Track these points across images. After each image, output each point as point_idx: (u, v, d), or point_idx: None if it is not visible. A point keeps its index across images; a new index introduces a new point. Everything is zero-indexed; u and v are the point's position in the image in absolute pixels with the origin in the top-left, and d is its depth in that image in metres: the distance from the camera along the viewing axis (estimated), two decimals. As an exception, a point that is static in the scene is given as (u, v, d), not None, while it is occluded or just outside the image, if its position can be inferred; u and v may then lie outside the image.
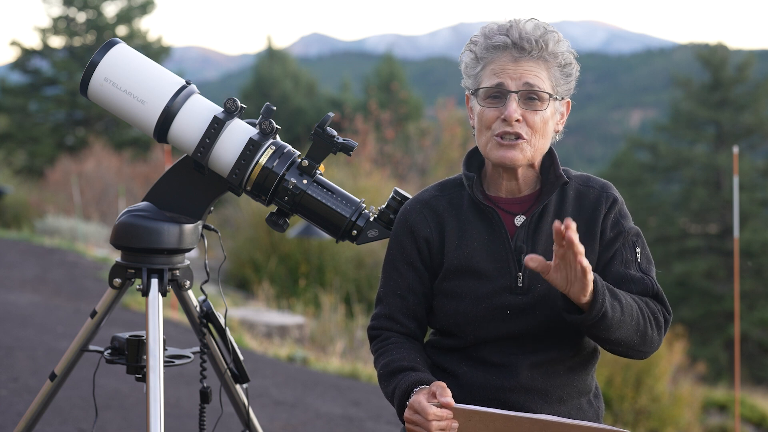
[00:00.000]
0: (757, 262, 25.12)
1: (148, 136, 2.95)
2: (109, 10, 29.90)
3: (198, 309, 2.47)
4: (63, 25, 29.44)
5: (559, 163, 2.04)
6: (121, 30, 29.72)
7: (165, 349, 2.42)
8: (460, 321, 2.00)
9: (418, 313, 2.07)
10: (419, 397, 1.82)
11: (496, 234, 2.02)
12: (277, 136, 2.29)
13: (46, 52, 29.24)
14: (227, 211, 14.06)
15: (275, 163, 2.22)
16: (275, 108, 2.27)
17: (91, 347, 2.41)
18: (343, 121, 17.68)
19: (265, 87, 34.11)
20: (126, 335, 2.45)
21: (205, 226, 2.44)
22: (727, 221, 26.62)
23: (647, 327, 1.92)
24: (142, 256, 2.31)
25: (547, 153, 2.06)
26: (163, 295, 2.30)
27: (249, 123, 2.30)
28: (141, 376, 2.38)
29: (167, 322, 6.55)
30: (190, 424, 4.36)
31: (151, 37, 30.32)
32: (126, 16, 29.81)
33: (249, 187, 2.25)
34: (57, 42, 29.51)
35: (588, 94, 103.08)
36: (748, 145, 29.55)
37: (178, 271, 2.36)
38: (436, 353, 2.09)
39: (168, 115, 2.23)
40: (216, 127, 2.21)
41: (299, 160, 2.25)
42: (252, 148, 2.20)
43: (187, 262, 2.41)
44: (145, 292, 2.29)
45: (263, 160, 2.22)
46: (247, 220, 12.17)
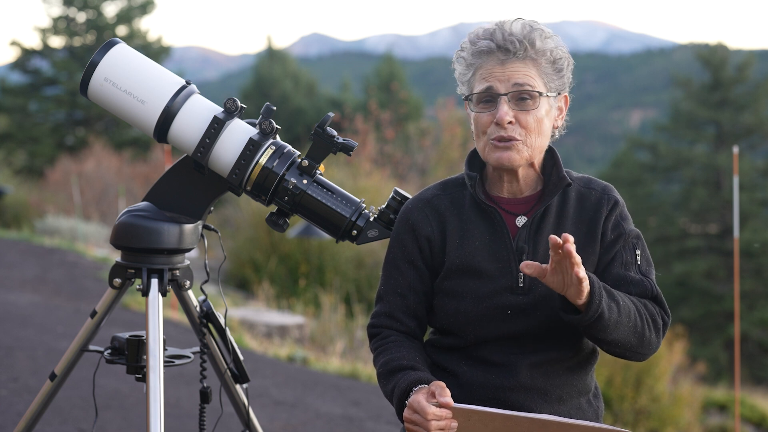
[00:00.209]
0: (757, 262, 25.12)
1: (148, 136, 2.95)
2: (109, 10, 29.91)
3: (198, 309, 2.47)
4: (63, 25, 29.44)
5: (561, 165, 2.04)
6: (121, 30, 29.73)
7: (165, 349, 2.42)
8: (461, 320, 2.01)
9: (418, 311, 2.08)
10: (418, 397, 1.82)
11: (497, 234, 2.02)
12: (277, 136, 2.29)
13: (46, 52, 29.24)
14: (227, 211, 14.05)
15: (275, 163, 2.22)
16: (275, 108, 2.27)
17: (91, 347, 2.41)
18: (343, 121, 17.68)
19: (265, 87, 34.11)
20: (126, 335, 2.45)
21: (205, 226, 2.44)
22: (727, 221, 26.62)
23: (645, 329, 1.93)
24: (142, 256, 2.31)
25: (549, 153, 2.06)
26: (163, 295, 2.30)
27: (249, 123, 2.30)
28: (141, 376, 2.38)
29: (167, 322, 6.55)
30: (190, 424, 4.37)
31: (151, 37, 30.33)
32: (126, 16, 29.81)
33: (249, 187, 2.25)
34: (57, 42, 29.53)
35: (588, 94, 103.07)
36: (748, 145, 29.55)
37: (178, 271, 2.36)
38: (435, 352, 2.09)
39: (168, 115, 2.23)
40: (216, 127, 2.21)
41: (299, 160, 2.25)
42: (252, 148, 2.20)
43: (187, 262, 2.41)
44: (145, 292, 2.29)
45: (263, 160, 2.22)
46: (247, 220, 12.17)
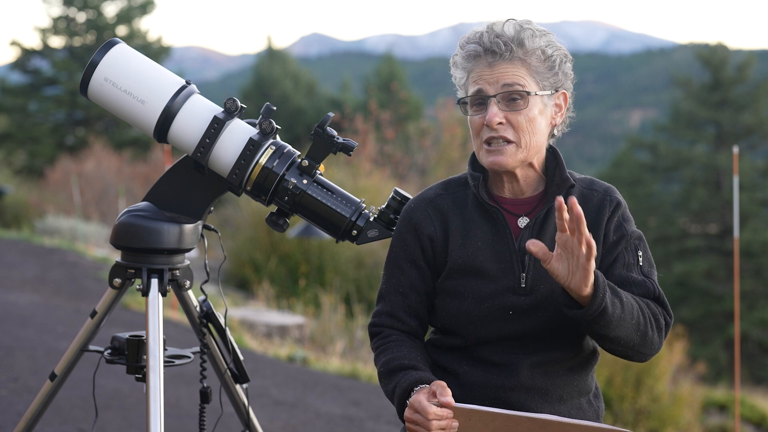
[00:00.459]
0: (757, 262, 25.12)
1: (148, 136, 2.95)
2: (109, 10, 29.91)
3: (198, 309, 2.47)
4: (63, 25, 29.44)
5: (564, 166, 2.04)
6: (121, 30, 29.73)
7: (165, 349, 2.41)
8: (462, 320, 2.00)
9: (419, 311, 2.07)
10: (419, 397, 1.82)
11: (500, 234, 2.02)
12: (277, 136, 2.28)
13: (46, 52, 29.25)
14: (227, 211, 14.06)
15: (275, 163, 2.22)
16: (275, 108, 2.27)
17: (91, 347, 2.41)
18: (343, 121, 17.68)
19: (265, 87, 34.11)
20: (126, 335, 2.45)
21: (205, 226, 2.44)
22: (727, 221, 26.62)
23: (648, 327, 1.92)
24: (142, 256, 2.31)
25: (552, 154, 2.06)
26: (163, 295, 2.30)
27: (249, 123, 2.30)
28: (141, 376, 2.38)
29: (167, 322, 6.55)
30: (190, 424, 4.36)
31: (151, 37, 30.34)
32: (126, 16, 29.82)
33: (249, 187, 2.25)
34: (57, 42, 29.53)
35: (588, 94, 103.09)
36: (748, 145, 29.56)
37: (178, 271, 2.36)
38: (436, 352, 2.09)
39: (168, 115, 2.23)
40: (216, 127, 2.21)
41: (299, 160, 2.25)
42: (252, 148, 2.20)
43: (187, 262, 2.41)
44: (145, 292, 2.29)
45: (263, 160, 2.21)
46: (247, 220, 12.17)
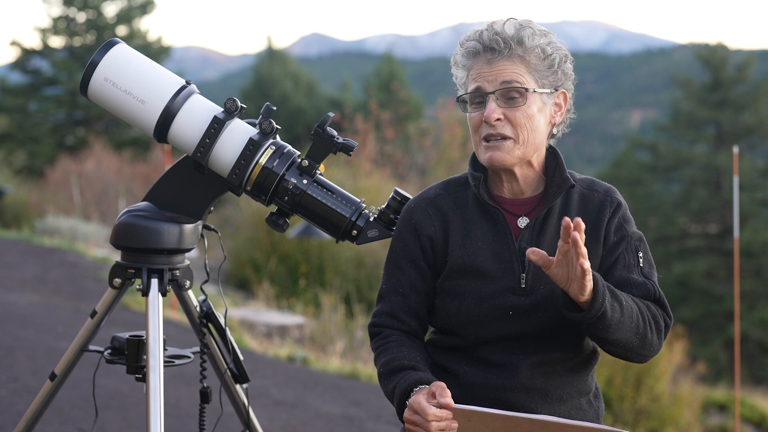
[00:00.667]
0: (757, 262, 25.12)
1: (148, 136, 2.95)
2: (109, 10, 29.91)
3: (198, 309, 2.47)
4: (63, 25, 29.44)
5: (564, 166, 2.04)
6: (121, 30, 29.73)
7: (165, 349, 2.41)
8: (462, 320, 2.00)
9: (419, 311, 2.07)
10: (419, 397, 1.82)
11: (500, 234, 2.02)
12: (277, 136, 2.28)
13: (46, 52, 29.24)
14: (227, 211, 14.06)
15: (275, 163, 2.22)
16: (275, 108, 2.27)
17: (91, 347, 2.41)
18: (343, 121, 17.68)
19: (265, 87, 34.11)
20: (126, 335, 2.45)
21: (205, 226, 2.44)
22: (727, 221, 26.62)
23: (647, 330, 1.92)
24: (142, 256, 2.31)
25: (552, 154, 2.06)
26: (163, 295, 2.30)
27: (249, 123, 2.30)
28: (141, 376, 2.38)
29: (167, 322, 6.55)
30: (190, 424, 4.36)
31: (151, 37, 30.34)
32: (126, 16, 29.82)
33: (249, 187, 2.25)
34: (57, 42, 29.53)
35: (588, 94, 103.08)
36: (748, 145, 29.56)
37: (178, 271, 2.36)
38: (436, 352, 2.09)
39: (168, 115, 2.23)
40: (216, 127, 2.21)
41: (299, 160, 2.25)
42: (252, 148, 2.20)
43: (187, 262, 2.41)
44: (145, 292, 2.29)
45: (263, 160, 2.21)
46: (247, 220, 12.17)
